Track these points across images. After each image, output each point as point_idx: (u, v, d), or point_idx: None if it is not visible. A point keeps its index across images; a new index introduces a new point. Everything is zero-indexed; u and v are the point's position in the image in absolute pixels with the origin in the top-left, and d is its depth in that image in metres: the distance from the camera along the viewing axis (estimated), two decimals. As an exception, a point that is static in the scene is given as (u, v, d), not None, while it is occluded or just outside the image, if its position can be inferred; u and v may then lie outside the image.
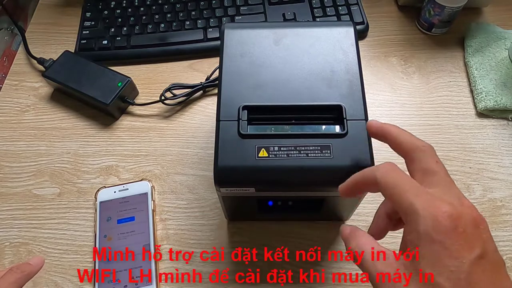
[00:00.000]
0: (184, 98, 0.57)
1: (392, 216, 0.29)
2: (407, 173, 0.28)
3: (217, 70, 0.57)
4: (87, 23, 0.63)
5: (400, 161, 0.29)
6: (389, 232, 0.30)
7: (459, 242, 0.22)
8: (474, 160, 0.52)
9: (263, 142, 0.35)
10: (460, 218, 0.23)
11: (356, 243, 0.26)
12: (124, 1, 0.65)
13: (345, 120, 0.36)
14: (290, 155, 0.35)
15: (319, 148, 0.35)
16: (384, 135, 0.30)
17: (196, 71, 0.61)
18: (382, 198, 0.47)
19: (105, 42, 0.61)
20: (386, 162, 0.27)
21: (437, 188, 0.25)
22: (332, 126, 0.37)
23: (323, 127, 0.37)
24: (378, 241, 0.27)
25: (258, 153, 0.35)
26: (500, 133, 0.54)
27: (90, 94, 0.54)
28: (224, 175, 0.35)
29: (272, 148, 0.35)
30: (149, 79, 0.60)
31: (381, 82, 0.59)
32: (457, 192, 0.25)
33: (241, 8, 0.64)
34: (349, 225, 0.28)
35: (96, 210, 0.48)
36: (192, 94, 0.57)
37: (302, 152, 0.35)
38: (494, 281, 0.22)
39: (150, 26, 0.62)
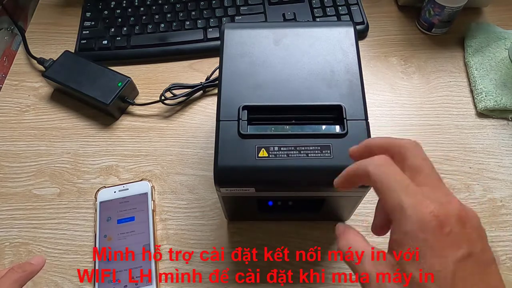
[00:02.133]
0: (184, 98, 0.57)
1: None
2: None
3: (217, 70, 0.57)
4: (87, 23, 0.63)
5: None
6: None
7: (445, 242, 0.22)
8: (474, 160, 0.52)
9: (263, 142, 0.35)
10: (447, 217, 0.23)
11: (345, 239, 0.26)
12: (124, 1, 0.65)
13: (345, 120, 0.36)
14: (290, 155, 0.35)
15: (319, 148, 0.35)
16: (368, 150, 0.29)
17: (196, 71, 0.61)
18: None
19: (105, 42, 0.61)
20: (381, 155, 0.27)
21: (426, 186, 0.25)
22: (332, 126, 0.37)
23: (323, 127, 0.37)
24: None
25: (258, 153, 0.35)
26: (500, 133, 0.54)
27: (90, 94, 0.54)
28: (224, 175, 0.35)
29: (272, 148, 0.35)
30: (149, 79, 0.60)
31: (381, 82, 0.59)
32: (445, 190, 0.25)
33: (241, 8, 0.64)
34: (344, 224, 0.28)
35: (96, 210, 0.48)
36: (192, 94, 0.57)
37: (302, 152, 0.35)
38: (481, 281, 0.22)
39: (150, 26, 0.62)
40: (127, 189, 0.49)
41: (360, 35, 0.63)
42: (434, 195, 0.24)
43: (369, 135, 0.35)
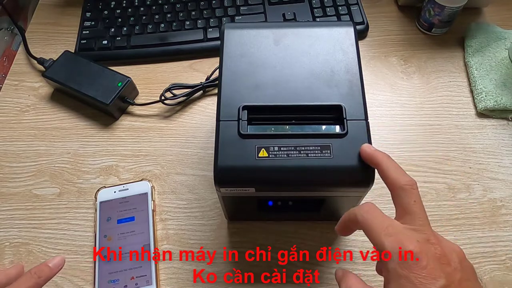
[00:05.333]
0: (184, 98, 0.57)
1: None
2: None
3: (217, 70, 0.57)
4: (87, 23, 0.63)
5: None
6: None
7: (423, 275, 0.24)
8: (474, 160, 0.52)
9: (263, 142, 0.35)
10: (423, 254, 0.25)
11: (346, 283, 0.29)
12: (124, 1, 0.65)
13: (345, 120, 0.36)
14: (290, 155, 0.35)
15: (319, 148, 0.35)
16: (374, 164, 0.33)
17: (196, 71, 0.61)
18: (383, 201, 0.47)
19: (105, 42, 0.61)
20: (366, 202, 0.30)
21: (411, 226, 0.28)
22: (332, 126, 0.37)
23: (323, 127, 0.37)
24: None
25: (258, 153, 0.35)
26: (500, 133, 0.54)
27: (90, 94, 0.54)
28: (224, 175, 0.35)
29: (272, 148, 0.35)
30: (149, 79, 0.60)
31: (381, 82, 0.59)
32: (426, 231, 0.28)
33: (241, 8, 0.64)
34: (342, 269, 0.31)
35: (96, 210, 0.48)
36: (192, 94, 0.57)
37: (302, 152, 0.35)
38: None
39: (150, 26, 0.62)
40: (127, 189, 0.49)
41: (360, 35, 0.63)
42: (414, 235, 0.27)
43: (369, 135, 0.35)
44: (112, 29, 0.62)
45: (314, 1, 0.64)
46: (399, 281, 0.25)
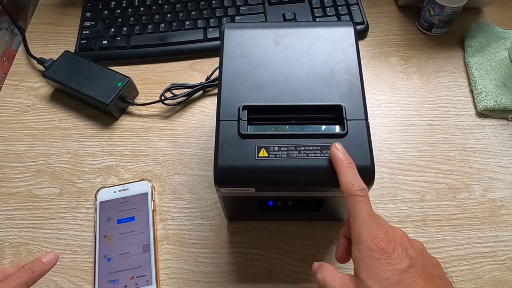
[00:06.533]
0: (184, 98, 0.57)
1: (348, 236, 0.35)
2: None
3: (217, 70, 0.57)
4: (87, 23, 0.63)
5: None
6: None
7: (391, 257, 0.28)
8: (474, 160, 0.52)
9: (263, 142, 0.35)
10: (391, 241, 0.29)
11: (321, 272, 0.32)
12: (124, 1, 0.65)
13: (345, 120, 0.36)
14: (290, 155, 0.35)
15: (319, 148, 0.35)
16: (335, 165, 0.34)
17: (196, 71, 0.61)
18: (383, 201, 0.47)
19: (105, 42, 0.61)
20: (365, 188, 0.32)
21: (379, 219, 0.32)
22: (332, 126, 0.37)
23: (323, 127, 0.37)
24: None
25: (258, 153, 0.35)
26: (500, 133, 0.54)
27: (90, 94, 0.54)
28: (224, 175, 0.35)
29: (272, 148, 0.35)
30: (149, 79, 0.60)
31: (381, 82, 0.59)
32: (387, 225, 0.32)
33: (241, 8, 0.64)
34: (319, 262, 0.34)
35: (96, 210, 0.48)
36: (192, 94, 0.57)
37: (302, 152, 0.35)
38: (426, 286, 0.28)
39: (150, 26, 0.62)
40: (127, 189, 0.49)
41: (360, 35, 0.63)
42: (384, 225, 0.31)
43: (369, 135, 0.35)
44: (112, 29, 0.62)
45: (314, 1, 0.64)
46: (370, 262, 0.29)
